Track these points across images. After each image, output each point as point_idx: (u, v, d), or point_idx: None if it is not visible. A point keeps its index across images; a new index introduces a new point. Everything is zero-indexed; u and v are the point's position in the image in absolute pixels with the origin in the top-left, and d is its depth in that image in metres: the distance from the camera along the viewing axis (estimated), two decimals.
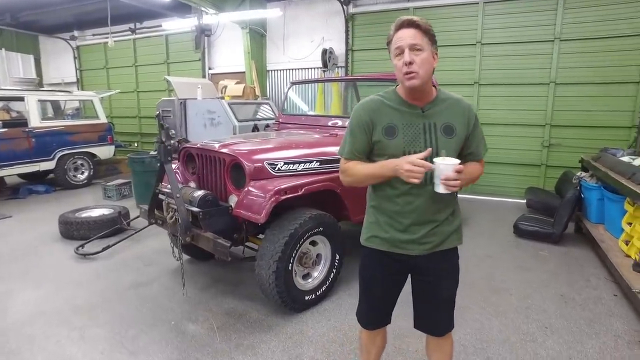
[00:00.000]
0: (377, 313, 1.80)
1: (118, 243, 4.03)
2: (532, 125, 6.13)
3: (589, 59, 5.70)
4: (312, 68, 7.96)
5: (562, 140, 6.00)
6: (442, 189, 1.42)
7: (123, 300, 3.07)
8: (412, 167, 1.39)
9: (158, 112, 6.30)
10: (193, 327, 2.72)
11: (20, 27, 10.06)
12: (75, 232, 4.33)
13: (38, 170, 6.74)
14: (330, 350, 2.47)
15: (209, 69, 8.99)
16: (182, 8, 7.91)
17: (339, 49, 7.54)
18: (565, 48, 5.80)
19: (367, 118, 1.57)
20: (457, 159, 1.42)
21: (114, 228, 4.40)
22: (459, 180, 1.40)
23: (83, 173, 7.33)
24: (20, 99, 6.64)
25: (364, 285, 1.78)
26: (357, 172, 1.60)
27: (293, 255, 2.74)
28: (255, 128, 6.34)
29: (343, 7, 7.23)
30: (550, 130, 6.02)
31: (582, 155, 4.82)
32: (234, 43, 8.36)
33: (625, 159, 3.82)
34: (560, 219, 4.21)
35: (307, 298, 2.92)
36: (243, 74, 8.17)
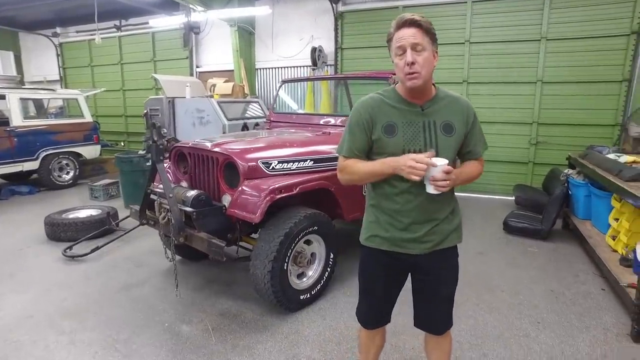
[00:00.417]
0: (377, 312, 1.80)
1: (107, 244, 3.95)
2: (519, 123, 6.22)
3: (574, 58, 5.81)
4: (301, 66, 7.93)
5: (548, 138, 6.10)
6: (431, 189, 1.44)
7: (114, 303, 3.01)
8: (415, 163, 1.38)
9: (146, 110, 6.27)
10: (187, 328, 2.68)
11: None
12: (63, 233, 4.23)
13: (21, 171, 6.56)
14: (327, 350, 2.46)
15: (197, 67, 8.88)
16: (169, 5, 7.79)
17: (328, 47, 7.52)
18: (552, 47, 5.90)
19: (366, 116, 1.57)
20: (445, 160, 1.42)
21: (103, 229, 4.31)
22: (448, 181, 1.41)
23: (68, 173, 7.17)
24: (1, 97, 6.45)
25: (364, 285, 1.78)
26: (357, 169, 1.59)
27: (288, 255, 2.73)
28: (245, 127, 6.28)
29: (332, 5, 7.21)
30: (538, 128, 6.12)
31: (569, 153, 4.90)
32: (222, 41, 8.26)
33: (611, 156, 3.90)
34: (549, 216, 4.28)
35: (302, 297, 2.91)
36: (231, 73, 8.09)
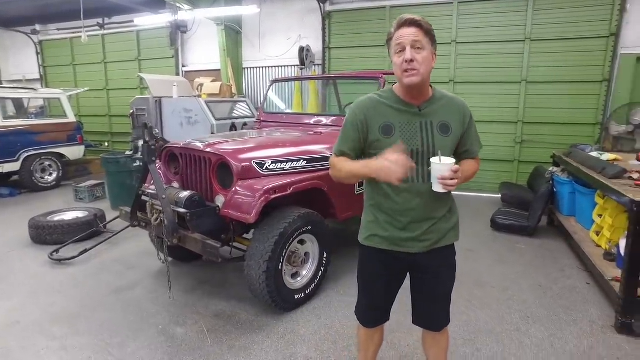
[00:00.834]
0: (377, 311, 1.82)
1: (95, 247, 3.87)
2: (505, 122, 6.35)
3: (557, 59, 5.97)
4: (288, 66, 7.92)
5: (533, 137, 6.25)
6: (439, 188, 1.47)
7: (105, 306, 2.96)
8: (389, 164, 1.38)
9: (132, 110, 6.16)
10: (182, 330, 2.65)
11: None
12: (48, 236, 4.13)
13: (1, 172, 6.37)
14: (324, 349, 2.48)
15: (183, 67, 8.78)
16: (154, 3, 7.66)
17: (316, 47, 7.54)
18: (535, 48, 6.04)
19: (361, 117, 1.58)
20: (452, 159, 1.47)
21: (90, 231, 4.23)
22: (456, 180, 1.44)
23: (51, 174, 6.99)
24: None
25: (364, 284, 1.80)
26: (341, 167, 1.61)
27: (283, 255, 2.73)
28: (233, 127, 6.24)
29: (320, 4, 7.22)
30: (523, 127, 6.26)
31: (553, 151, 5.03)
32: (209, 40, 8.19)
33: (594, 155, 4.01)
34: (535, 213, 4.39)
35: (296, 297, 2.92)
36: (218, 72, 8.02)
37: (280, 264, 2.72)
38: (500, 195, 5.71)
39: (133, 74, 9.16)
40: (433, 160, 1.46)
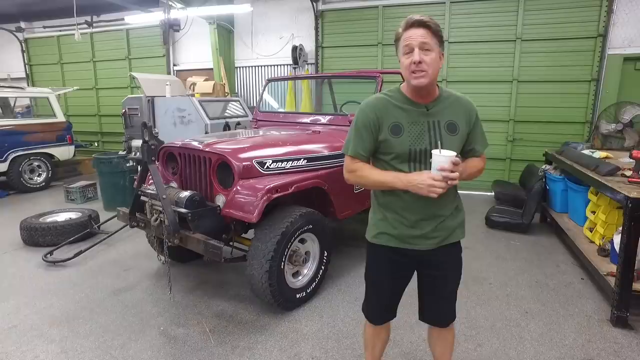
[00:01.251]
0: (384, 308, 1.84)
1: (90, 248, 3.82)
2: (497, 121, 6.43)
3: (548, 59, 6.07)
4: (281, 65, 7.89)
5: (524, 135, 6.35)
6: None
7: (104, 308, 2.92)
8: (433, 182, 1.43)
9: (124, 110, 6.07)
10: (184, 331, 2.63)
11: None
12: (41, 238, 4.05)
13: None
14: (328, 347, 2.48)
15: (174, 66, 8.67)
16: (143, 1, 7.55)
17: (309, 46, 7.53)
18: (526, 48, 6.13)
19: (373, 117, 1.59)
20: (453, 152, 1.47)
21: (84, 233, 4.17)
22: (456, 173, 1.45)
23: (40, 175, 6.86)
24: None
25: (372, 281, 1.81)
26: (367, 175, 1.61)
27: (285, 254, 2.73)
28: (227, 126, 6.20)
29: (312, 3, 7.22)
30: (514, 126, 6.36)
31: (545, 149, 5.12)
32: (200, 39, 8.11)
33: (586, 152, 4.10)
34: (529, 210, 4.46)
35: (298, 296, 2.92)
36: (210, 71, 7.96)
37: (282, 263, 2.72)
38: (494, 193, 5.78)
39: (123, 73, 9.03)
40: (434, 152, 1.47)
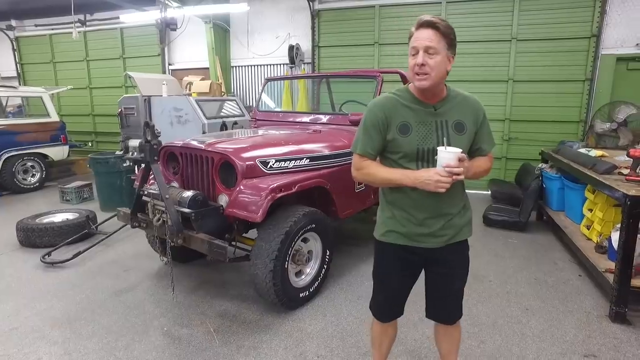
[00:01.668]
0: (392, 305, 1.85)
1: (89, 249, 3.79)
2: (493, 120, 6.46)
3: (542, 58, 6.13)
4: (277, 64, 7.88)
5: (519, 134, 6.42)
6: None
7: (106, 309, 2.90)
8: (440, 177, 1.46)
9: (120, 109, 6.02)
10: (188, 331, 2.62)
11: None
12: (38, 239, 4.01)
13: None
14: (333, 346, 2.49)
15: (169, 65, 8.62)
16: (139, 0, 7.48)
17: (305, 45, 7.53)
18: (522, 47, 6.19)
19: (382, 116, 1.60)
20: (459, 149, 1.49)
21: (82, 233, 4.13)
22: (461, 169, 1.47)
23: (34, 176, 6.78)
24: None
25: (381, 279, 1.82)
26: (375, 172, 1.63)
27: (289, 253, 2.73)
28: (224, 126, 6.17)
29: (309, 3, 7.22)
30: (510, 125, 6.42)
31: (542, 148, 5.18)
32: (196, 38, 8.06)
33: (582, 151, 4.15)
34: (526, 208, 4.51)
35: (301, 295, 2.92)
36: (205, 70, 7.92)
37: (286, 263, 2.72)
38: (490, 192, 5.83)
39: (117, 72, 8.96)
40: (440, 149, 1.49)
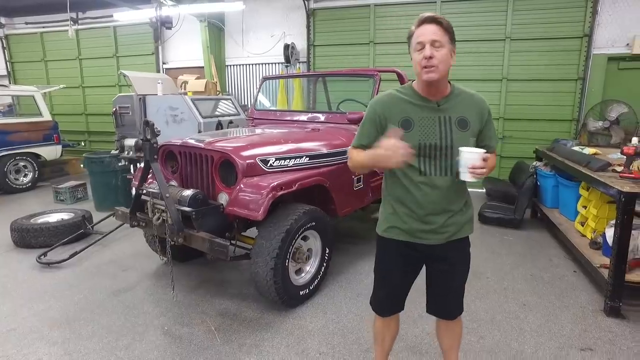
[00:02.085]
0: (393, 300, 1.87)
1: (86, 249, 3.75)
2: None
3: (536, 58, 6.20)
4: (272, 63, 7.87)
5: (513, 133, 6.49)
6: (468, 177, 1.52)
7: (105, 309, 2.88)
8: (384, 151, 1.46)
9: (115, 108, 5.97)
10: (188, 330, 2.62)
11: None
12: (33, 239, 3.96)
13: None
14: (334, 343, 2.51)
15: (164, 64, 8.57)
16: None
17: (300, 44, 7.53)
18: (515, 47, 6.26)
19: (380, 112, 1.64)
20: (482, 149, 1.52)
21: (78, 233, 4.09)
22: (485, 169, 1.50)
23: (26, 175, 6.70)
24: None
25: (382, 274, 1.84)
26: (355, 158, 1.70)
27: (289, 251, 2.74)
28: (219, 125, 6.15)
29: (304, 2, 7.22)
30: (504, 123, 6.49)
31: (536, 147, 5.24)
32: (190, 37, 8.02)
33: (576, 149, 4.21)
34: (521, 206, 4.57)
35: (301, 293, 2.93)
36: (200, 69, 7.89)
37: (287, 261, 2.73)
38: (485, 190, 5.89)
39: (110, 71, 8.88)
40: (463, 149, 1.51)
